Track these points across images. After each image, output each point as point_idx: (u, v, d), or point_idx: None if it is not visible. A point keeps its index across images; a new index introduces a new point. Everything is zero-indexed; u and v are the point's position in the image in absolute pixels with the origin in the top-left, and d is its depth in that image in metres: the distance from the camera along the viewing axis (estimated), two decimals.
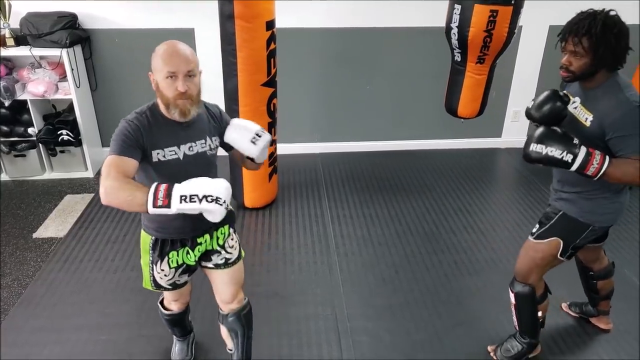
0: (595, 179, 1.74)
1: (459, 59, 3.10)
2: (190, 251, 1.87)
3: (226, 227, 1.93)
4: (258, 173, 3.42)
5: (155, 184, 1.46)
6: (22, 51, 3.65)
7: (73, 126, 3.86)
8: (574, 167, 1.74)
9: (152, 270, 1.92)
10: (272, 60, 3.13)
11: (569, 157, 1.74)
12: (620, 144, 1.75)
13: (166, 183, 1.46)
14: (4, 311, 2.62)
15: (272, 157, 3.48)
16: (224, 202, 1.45)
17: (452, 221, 3.48)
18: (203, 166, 1.76)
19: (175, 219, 1.64)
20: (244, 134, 1.82)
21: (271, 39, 3.06)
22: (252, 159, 1.89)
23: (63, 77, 3.81)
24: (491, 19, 2.76)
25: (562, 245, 2.03)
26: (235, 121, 1.87)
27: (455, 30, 2.94)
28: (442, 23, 3.16)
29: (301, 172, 4.18)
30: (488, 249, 3.18)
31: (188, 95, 1.64)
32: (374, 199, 3.76)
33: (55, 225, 3.39)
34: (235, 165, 3.42)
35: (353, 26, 4.11)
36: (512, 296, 2.22)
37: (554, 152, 1.77)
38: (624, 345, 2.45)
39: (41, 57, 3.77)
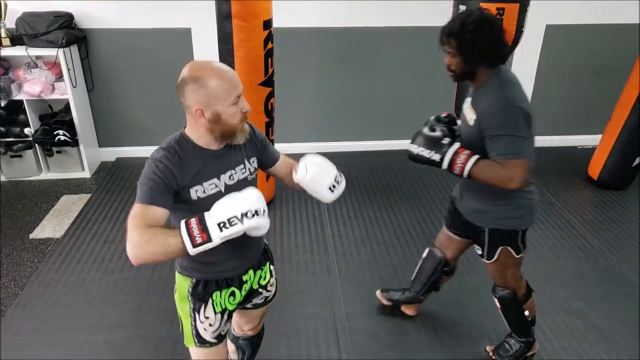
0: (465, 177, 1.79)
1: None
2: (236, 291, 1.66)
3: (268, 264, 1.81)
4: None
5: (183, 221, 1.30)
6: (18, 51, 3.64)
7: (69, 126, 3.84)
8: (444, 166, 1.81)
9: (195, 320, 1.62)
10: (269, 59, 3.12)
11: (436, 157, 1.82)
12: (490, 144, 1.76)
13: (194, 215, 1.31)
14: (1, 312, 2.60)
15: None
16: (264, 211, 1.32)
17: None
18: None
19: (219, 253, 1.40)
20: (323, 180, 1.61)
21: (268, 39, 3.06)
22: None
23: (59, 77, 3.79)
24: (498, 16, 2.74)
25: (511, 248, 2.03)
26: (309, 160, 1.61)
27: None
28: (440, 22, 3.16)
29: None
30: None
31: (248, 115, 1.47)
32: (372, 199, 3.75)
33: (52, 226, 3.38)
34: None
35: (350, 26, 4.10)
36: (496, 301, 2.22)
37: (423, 151, 1.85)
38: (623, 344, 2.45)
39: (37, 57, 3.75)
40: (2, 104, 3.69)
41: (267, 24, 3.01)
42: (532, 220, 2.03)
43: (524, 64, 4.39)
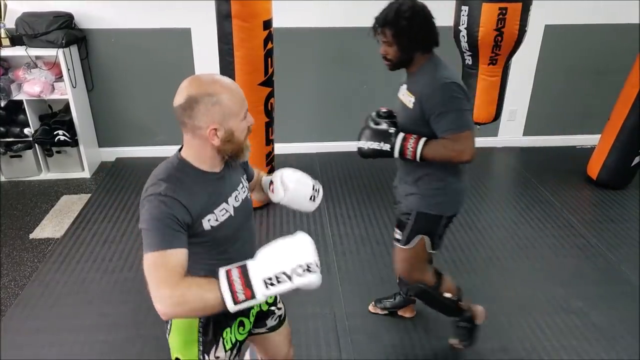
0: (419, 160, 1.85)
1: (470, 62, 3.04)
2: (244, 320, 1.52)
3: None
4: None
5: (224, 271, 1.13)
6: (18, 51, 3.64)
7: (69, 126, 3.85)
8: (396, 154, 1.88)
9: None
10: (269, 59, 3.13)
11: (386, 147, 1.90)
12: (436, 124, 1.82)
13: (226, 259, 1.21)
14: (1, 312, 2.60)
15: (270, 157, 3.47)
16: (317, 265, 1.18)
17: None
18: (247, 214, 1.46)
19: None
20: (303, 193, 1.55)
21: (268, 39, 3.06)
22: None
23: (59, 77, 3.79)
24: (501, 16, 2.72)
25: (428, 240, 2.06)
26: (285, 178, 1.54)
27: (464, 33, 2.89)
28: (441, 23, 3.15)
29: None
30: (486, 248, 3.18)
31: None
32: (372, 198, 3.76)
33: (52, 226, 3.38)
34: None
35: (350, 26, 4.10)
36: (413, 297, 2.26)
37: (374, 144, 1.93)
38: (622, 343, 2.45)
39: (37, 57, 3.75)
40: (2, 104, 3.69)
41: (267, 24, 3.02)
42: (460, 204, 2.08)
43: (523, 64, 4.39)
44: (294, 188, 1.53)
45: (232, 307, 1.11)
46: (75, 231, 3.28)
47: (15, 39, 3.66)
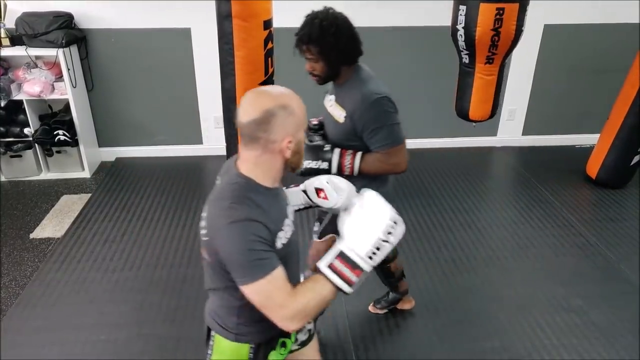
0: (356, 174, 1.86)
1: (467, 61, 3.07)
2: (287, 341, 1.48)
3: None
4: None
5: (327, 269, 1.19)
6: (18, 51, 3.64)
7: (69, 126, 3.85)
8: (334, 171, 1.87)
9: None
10: (269, 59, 3.13)
11: (324, 165, 1.88)
12: (370, 139, 1.83)
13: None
14: (2, 312, 2.61)
15: None
16: (398, 216, 1.25)
17: (449, 219, 3.49)
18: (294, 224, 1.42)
19: None
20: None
21: (269, 38, 3.06)
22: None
23: (59, 77, 3.79)
24: (498, 17, 2.74)
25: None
26: (331, 177, 1.49)
27: (461, 32, 2.91)
28: (440, 22, 3.17)
29: None
30: (485, 247, 3.19)
31: None
32: None
33: (52, 226, 3.38)
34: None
35: None
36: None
37: (310, 163, 1.89)
38: (622, 342, 2.46)
39: (37, 57, 3.76)
40: (2, 104, 3.69)
41: (267, 24, 3.02)
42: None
43: (523, 64, 4.41)
44: (347, 189, 1.45)
45: (349, 291, 1.20)
46: (75, 231, 3.29)
47: (15, 39, 3.66)
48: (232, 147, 3.36)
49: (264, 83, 3.15)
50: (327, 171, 1.88)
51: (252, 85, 3.10)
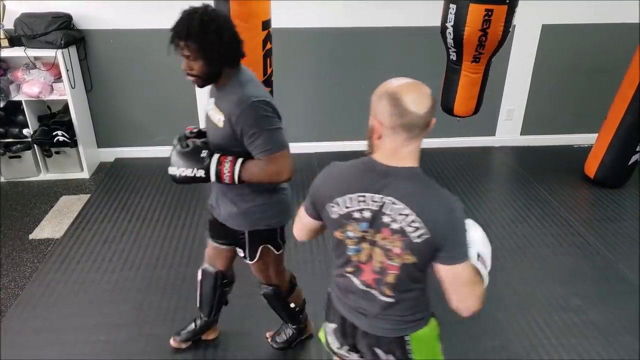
0: (237, 182, 1.74)
1: (454, 58, 3.12)
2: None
3: None
4: None
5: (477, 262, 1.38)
6: (17, 52, 3.64)
7: (68, 127, 3.85)
8: (212, 180, 1.74)
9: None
10: (268, 60, 3.14)
11: (200, 172, 1.73)
12: (250, 145, 1.71)
13: None
14: (1, 312, 2.61)
15: None
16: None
17: None
18: None
19: None
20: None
21: (267, 39, 3.07)
22: None
23: (58, 78, 3.80)
24: (486, 18, 2.79)
25: (272, 246, 2.02)
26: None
27: (450, 30, 2.96)
28: (437, 23, 3.18)
29: (297, 171, 4.15)
30: None
31: None
32: None
33: (52, 226, 3.38)
34: None
35: (349, 26, 4.12)
36: (262, 297, 2.23)
37: (185, 171, 1.75)
38: (621, 341, 2.47)
39: (36, 58, 3.76)
40: (1, 105, 3.69)
41: (266, 25, 3.03)
42: (289, 216, 2.01)
43: (521, 64, 4.42)
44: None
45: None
46: (74, 231, 3.29)
47: (14, 40, 3.66)
48: None
49: (263, 83, 3.15)
50: (205, 179, 1.73)
51: None
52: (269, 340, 2.43)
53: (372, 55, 4.25)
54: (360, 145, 4.79)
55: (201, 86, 1.77)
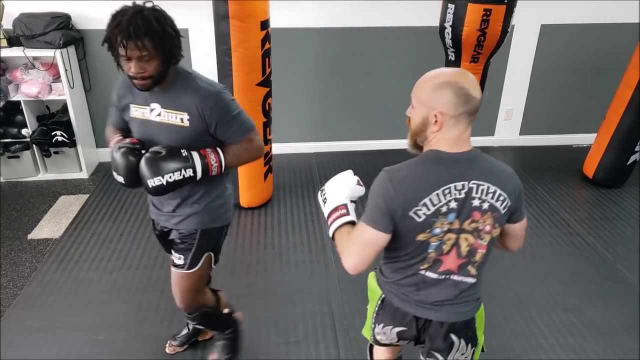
0: (224, 170, 1.75)
1: (452, 58, 3.12)
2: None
3: None
4: (253, 173, 3.43)
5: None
6: (15, 52, 3.64)
7: (67, 127, 3.85)
8: (199, 176, 1.69)
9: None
10: (266, 59, 3.14)
11: (189, 172, 1.66)
12: (226, 132, 1.73)
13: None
14: (0, 312, 2.61)
15: (268, 157, 3.48)
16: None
17: None
18: None
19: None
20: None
21: (266, 39, 3.07)
22: None
23: (57, 78, 3.79)
24: (485, 17, 2.79)
25: (213, 256, 1.98)
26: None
27: (449, 30, 2.96)
28: (436, 22, 3.18)
29: (296, 171, 4.19)
30: None
31: None
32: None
33: (50, 226, 3.38)
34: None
35: (347, 26, 4.12)
36: (194, 324, 2.16)
37: (174, 175, 1.64)
38: (619, 340, 2.47)
39: (34, 58, 3.75)
40: (0, 105, 3.69)
41: (265, 25, 3.03)
42: (232, 212, 2.02)
43: (520, 64, 4.42)
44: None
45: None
46: (73, 231, 3.29)
47: (13, 40, 3.66)
48: None
49: (262, 83, 3.16)
50: (194, 178, 1.67)
51: (249, 86, 3.11)
52: None
53: (371, 55, 4.25)
54: (358, 145, 4.80)
55: (150, 89, 1.64)
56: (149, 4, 1.60)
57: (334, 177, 1.56)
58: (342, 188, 1.51)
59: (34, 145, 3.89)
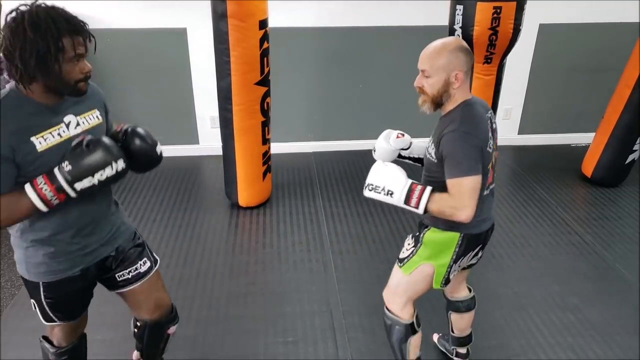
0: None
1: None
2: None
3: None
4: (252, 172, 3.42)
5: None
6: None
7: None
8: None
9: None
10: (265, 59, 3.13)
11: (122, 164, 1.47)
12: (109, 122, 1.69)
13: None
14: None
15: (266, 156, 3.48)
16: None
17: None
18: None
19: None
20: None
21: (264, 38, 3.07)
22: None
23: None
24: (495, 15, 2.75)
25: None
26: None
27: (459, 32, 2.91)
28: (435, 22, 3.18)
29: (295, 170, 4.19)
30: None
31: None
32: (368, 198, 3.76)
33: None
34: (229, 165, 3.42)
35: (346, 25, 4.12)
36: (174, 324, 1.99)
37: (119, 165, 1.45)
38: (617, 339, 2.47)
39: None
40: None
41: (263, 24, 3.03)
42: None
43: (518, 63, 4.42)
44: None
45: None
46: None
47: None
48: (228, 146, 3.36)
49: (260, 83, 3.15)
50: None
51: (248, 85, 3.11)
52: None
53: (370, 55, 4.25)
54: (357, 144, 4.80)
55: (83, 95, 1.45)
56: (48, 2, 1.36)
57: (373, 168, 1.73)
58: (393, 173, 1.69)
59: None
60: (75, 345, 1.82)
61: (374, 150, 2.07)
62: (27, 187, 1.35)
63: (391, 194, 1.66)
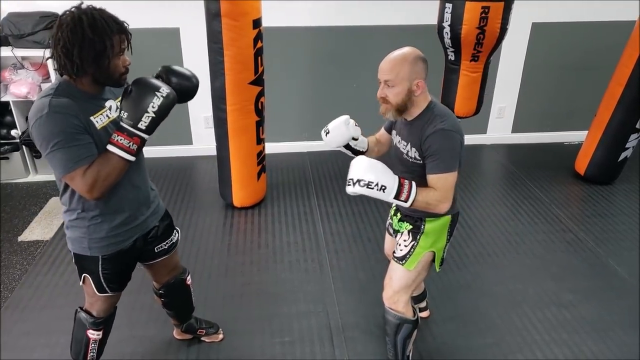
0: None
1: (452, 58, 3.11)
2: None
3: None
4: (247, 172, 3.41)
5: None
6: (4, 52, 3.59)
7: None
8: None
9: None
10: (259, 58, 3.12)
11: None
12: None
13: None
14: None
15: (261, 156, 3.47)
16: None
17: None
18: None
19: None
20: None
21: (258, 37, 3.06)
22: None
23: (46, 78, 3.76)
24: (483, 15, 2.78)
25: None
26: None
27: (447, 29, 2.94)
28: (429, 21, 3.18)
29: (290, 170, 4.18)
30: (476, 244, 3.21)
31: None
32: (362, 197, 3.75)
33: (41, 228, 3.35)
34: (224, 165, 3.41)
35: (340, 24, 4.11)
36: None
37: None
38: (612, 335, 2.49)
39: (23, 58, 3.71)
40: None
41: (257, 23, 3.01)
42: None
43: (511, 62, 4.44)
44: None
45: None
46: (64, 233, 3.24)
47: (1, 40, 3.61)
48: (222, 147, 3.35)
49: (254, 82, 3.14)
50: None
51: (242, 85, 3.10)
52: None
53: (365, 54, 4.25)
54: (352, 144, 4.70)
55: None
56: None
57: (359, 164, 1.75)
58: (383, 168, 1.72)
59: (23, 147, 3.85)
60: (112, 314, 2.07)
61: (327, 132, 2.13)
62: (109, 146, 1.54)
63: (384, 189, 1.69)
